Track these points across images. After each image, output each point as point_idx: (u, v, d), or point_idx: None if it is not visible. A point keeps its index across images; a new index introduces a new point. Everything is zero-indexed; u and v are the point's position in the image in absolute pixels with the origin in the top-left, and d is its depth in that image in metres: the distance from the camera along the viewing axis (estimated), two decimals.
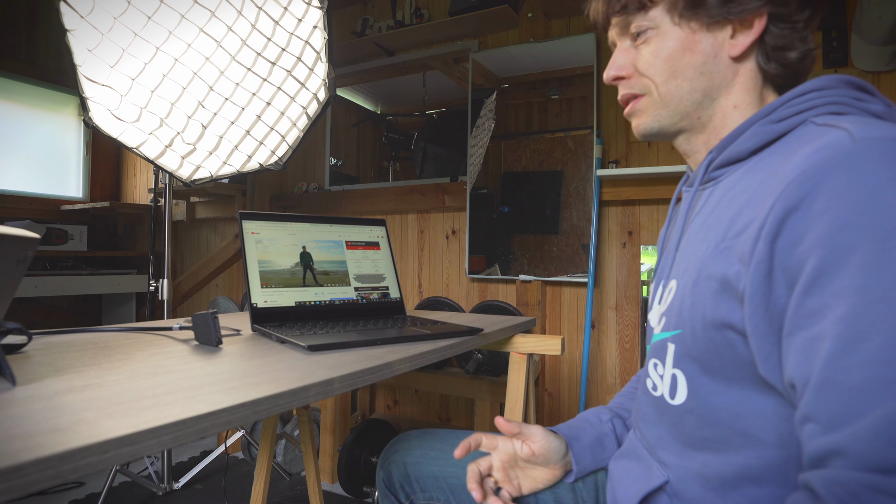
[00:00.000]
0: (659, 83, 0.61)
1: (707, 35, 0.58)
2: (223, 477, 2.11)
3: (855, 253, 0.41)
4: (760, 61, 0.59)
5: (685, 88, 0.60)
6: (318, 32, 1.84)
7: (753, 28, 0.57)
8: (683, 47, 0.59)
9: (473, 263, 2.33)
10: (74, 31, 1.46)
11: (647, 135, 0.65)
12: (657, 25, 0.60)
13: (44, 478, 0.35)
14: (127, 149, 1.59)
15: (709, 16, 0.57)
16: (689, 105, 0.61)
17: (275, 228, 1.06)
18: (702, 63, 0.59)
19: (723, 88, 0.60)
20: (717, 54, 0.59)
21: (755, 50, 0.59)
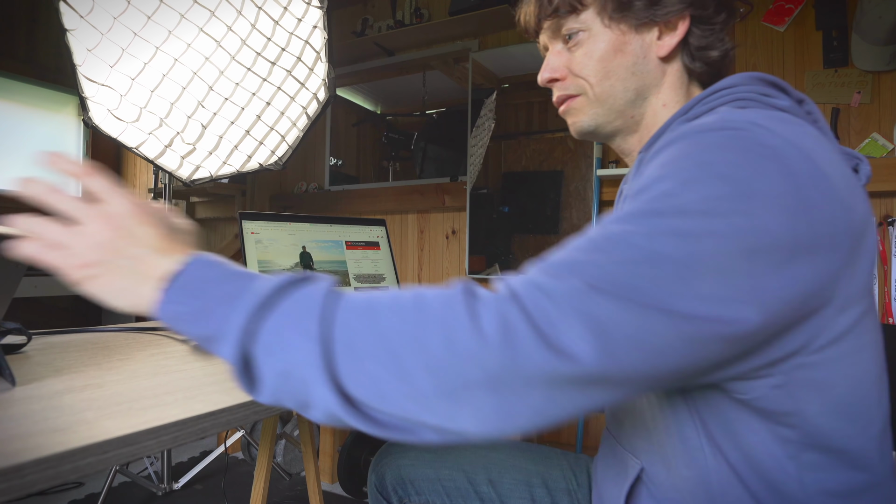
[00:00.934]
0: (594, 83, 0.63)
1: (636, 37, 0.61)
2: (223, 477, 2.11)
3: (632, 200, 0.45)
4: (686, 61, 0.63)
5: (618, 88, 0.62)
6: (317, 32, 1.84)
7: (678, 30, 0.61)
8: (614, 48, 0.62)
9: (473, 263, 2.33)
10: (74, 30, 1.46)
11: (582, 133, 0.67)
12: (588, 28, 0.62)
13: (43, 478, 0.35)
14: (126, 149, 1.59)
15: (636, 18, 0.60)
16: (622, 104, 0.63)
17: (274, 228, 1.06)
18: (632, 63, 0.62)
19: (652, 87, 0.63)
20: (646, 55, 0.62)
21: (680, 50, 0.62)
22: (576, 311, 0.39)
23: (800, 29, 1.86)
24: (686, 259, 0.40)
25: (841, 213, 0.43)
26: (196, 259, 0.46)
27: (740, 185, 0.41)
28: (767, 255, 0.41)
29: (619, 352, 0.39)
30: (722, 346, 0.41)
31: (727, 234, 0.40)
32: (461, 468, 0.82)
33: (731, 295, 0.40)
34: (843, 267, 0.43)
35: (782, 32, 1.88)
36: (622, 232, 0.42)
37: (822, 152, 0.45)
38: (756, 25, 1.92)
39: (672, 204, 0.42)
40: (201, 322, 0.44)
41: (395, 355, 0.40)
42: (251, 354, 0.43)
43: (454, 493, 0.81)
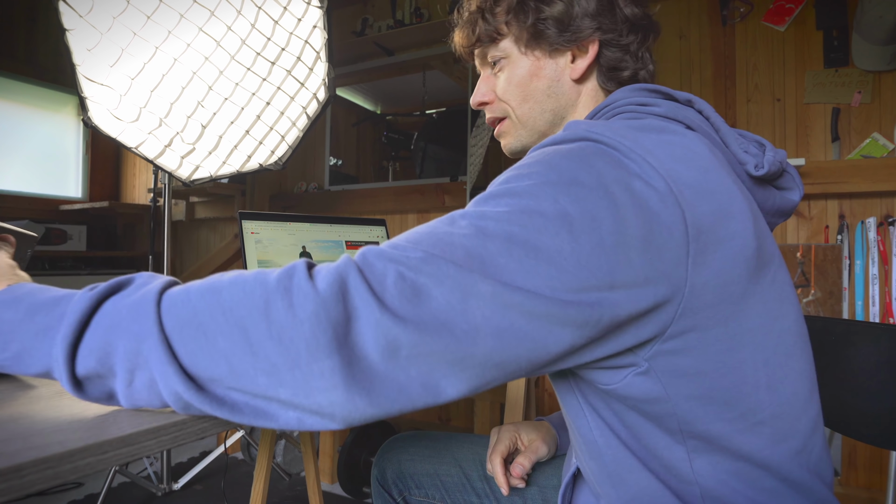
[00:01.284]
0: (514, 107, 0.68)
1: (550, 61, 0.65)
2: (223, 477, 2.10)
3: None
4: (600, 81, 0.66)
5: (536, 110, 0.67)
6: (317, 32, 1.83)
7: (589, 53, 0.64)
8: (531, 73, 0.66)
9: None
10: (73, 30, 1.46)
11: (513, 153, 0.72)
12: (508, 55, 0.67)
13: (43, 478, 0.35)
14: (126, 148, 1.59)
15: (549, 44, 0.64)
16: (542, 124, 0.68)
17: (274, 228, 1.06)
18: (548, 87, 0.66)
19: (569, 108, 0.67)
20: (559, 78, 0.66)
21: (594, 71, 0.66)
22: (402, 277, 0.41)
23: (800, 29, 1.86)
24: (512, 236, 0.42)
25: (672, 207, 0.45)
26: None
27: (566, 174, 0.45)
28: (589, 237, 0.43)
29: (438, 317, 0.40)
30: (543, 318, 0.42)
31: (553, 214, 0.43)
32: (458, 464, 0.86)
33: (552, 273, 0.42)
34: (683, 256, 0.45)
35: (783, 32, 1.88)
36: (461, 212, 0.47)
37: (665, 152, 0.48)
38: (756, 25, 1.92)
39: (505, 188, 0.46)
40: (26, 362, 0.42)
41: (242, 328, 0.40)
42: (87, 371, 0.41)
43: (451, 487, 0.85)
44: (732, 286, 0.47)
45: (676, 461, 0.51)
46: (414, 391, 0.41)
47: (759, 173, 0.56)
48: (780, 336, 0.51)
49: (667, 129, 0.52)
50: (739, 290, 0.47)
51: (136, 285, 0.44)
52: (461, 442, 0.90)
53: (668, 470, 0.52)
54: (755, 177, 0.57)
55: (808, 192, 1.79)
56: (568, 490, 0.66)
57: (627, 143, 0.47)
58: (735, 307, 0.47)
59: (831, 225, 1.80)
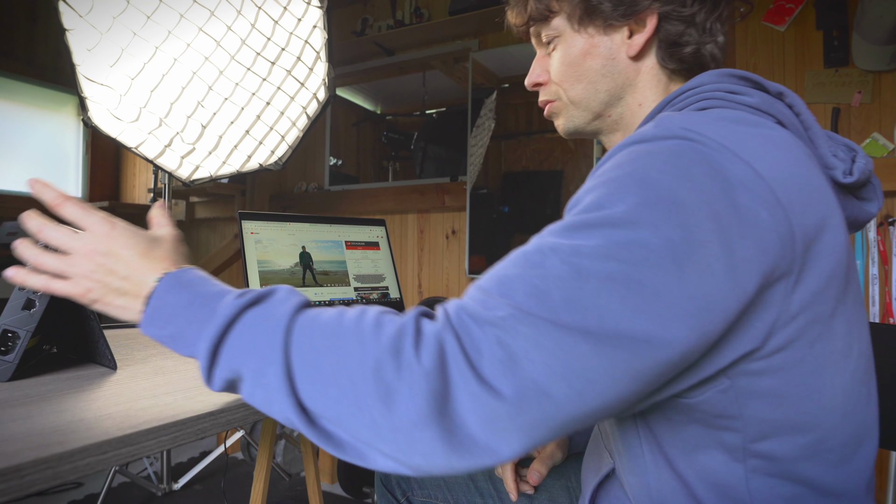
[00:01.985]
0: (567, 88, 0.64)
1: (605, 38, 0.61)
2: (223, 477, 2.10)
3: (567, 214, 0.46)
4: (660, 58, 0.61)
5: (590, 91, 0.63)
6: (317, 32, 1.83)
7: (647, 27, 0.59)
8: (584, 52, 0.62)
9: (474, 263, 2.33)
10: (73, 30, 1.46)
11: (567, 133, 0.69)
12: (561, 33, 0.63)
13: (42, 478, 0.35)
14: (126, 148, 1.59)
15: (603, 20, 0.60)
16: (597, 105, 0.64)
17: (274, 228, 1.06)
18: (602, 66, 0.62)
19: (627, 87, 0.62)
20: (615, 56, 0.61)
21: (653, 47, 0.61)
22: (499, 343, 0.39)
23: (800, 29, 1.86)
24: (613, 273, 0.40)
25: (781, 219, 0.42)
26: (164, 281, 0.50)
27: (665, 193, 0.41)
28: (695, 265, 0.40)
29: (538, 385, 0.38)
30: (653, 367, 0.40)
31: (656, 244, 0.40)
32: None
33: (660, 310, 0.39)
34: (787, 273, 0.42)
35: (783, 32, 1.88)
36: (552, 245, 0.43)
37: (770, 153, 0.44)
38: (756, 25, 1.92)
39: (599, 215, 0.42)
40: (177, 344, 0.48)
41: (353, 382, 0.41)
42: (223, 375, 0.45)
43: (455, 487, 0.84)
44: (824, 305, 0.44)
45: (733, 480, 0.48)
46: (508, 454, 0.40)
47: (848, 181, 0.52)
48: (857, 360, 0.48)
49: (763, 124, 0.48)
50: (829, 310, 0.45)
51: (275, 301, 0.47)
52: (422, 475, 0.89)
53: (719, 493, 0.48)
54: (840, 184, 0.52)
55: None
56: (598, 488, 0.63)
57: (730, 143, 0.43)
58: (823, 328, 0.45)
59: None
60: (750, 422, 0.46)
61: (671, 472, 0.50)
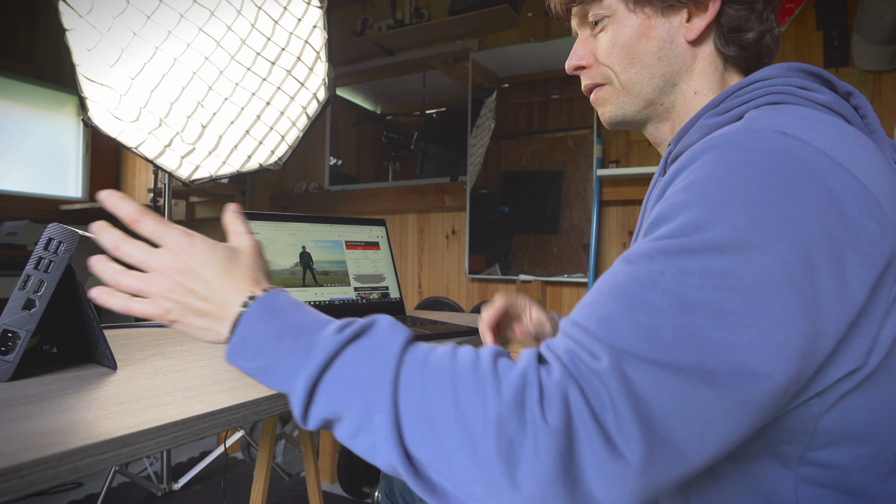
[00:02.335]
0: (619, 71, 0.60)
1: (662, 20, 0.58)
2: (223, 477, 2.10)
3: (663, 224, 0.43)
4: (719, 44, 0.58)
5: (644, 75, 0.59)
6: (317, 32, 1.83)
7: (708, 10, 0.56)
8: (639, 33, 0.58)
9: (473, 263, 2.33)
10: (73, 30, 1.46)
11: (613, 123, 0.64)
12: (613, 13, 0.59)
13: (42, 478, 0.35)
14: (126, 148, 1.59)
15: (662, 0, 0.57)
16: (650, 92, 0.60)
17: (274, 228, 1.06)
18: (658, 49, 0.58)
19: (683, 74, 0.59)
20: (673, 39, 0.58)
21: (712, 33, 0.58)
22: (623, 398, 0.36)
23: (800, 28, 1.86)
24: (725, 304, 0.37)
25: (887, 228, 0.40)
26: (253, 308, 0.46)
27: (772, 211, 0.38)
28: (813, 287, 0.37)
29: (663, 438, 0.36)
30: (773, 400, 0.37)
31: (768, 268, 0.37)
32: None
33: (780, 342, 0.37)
34: (889, 289, 0.41)
35: (783, 32, 1.88)
36: (651, 274, 0.40)
37: (863, 158, 0.42)
38: None
39: (701, 238, 0.39)
40: (269, 379, 0.45)
41: (471, 436, 0.38)
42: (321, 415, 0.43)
43: None
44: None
45: (780, 488, 0.46)
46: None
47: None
48: None
49: (841, 126, 0.45)
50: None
51: (380, 336, 0.44)
52: None
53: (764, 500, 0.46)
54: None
55: None
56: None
57: (829, 150, 0.41)
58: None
59: None
60: (818, 434, 0.44)
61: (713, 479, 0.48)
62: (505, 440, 0.37)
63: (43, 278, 0.57)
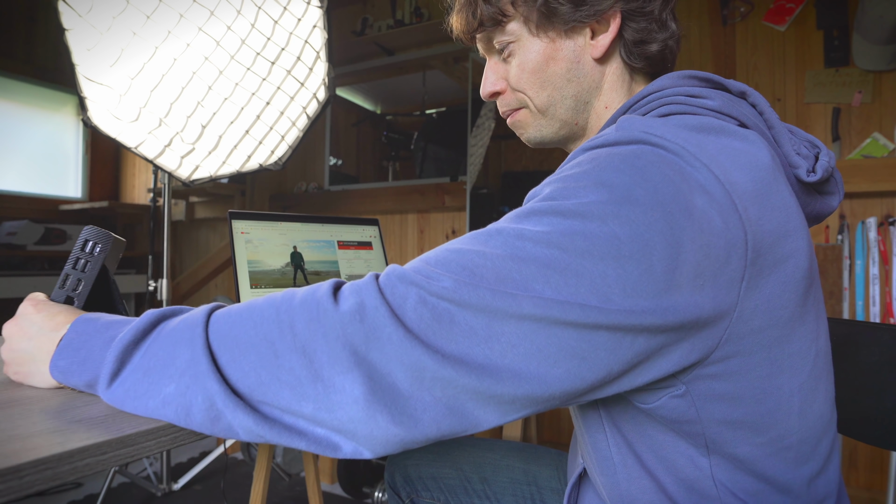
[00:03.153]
0: (532, 96, 0.61)
1: (567, 41, 0.58)
2: (222, 478, 2.10)
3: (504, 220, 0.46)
4: (625, 58, 0.59)
5: (557, 97, 0.60)
6: (317, 32, 1.83)
7: (611, 27, 0.57)
8: (546, 57, 0.58)
9: None
10: (73, 30, 1.46)
11: (534, 144, 0.66)
12: (517, 38, 0.59)
13: (42, 479, 0.35)
14: (126, 148, 1.59)
15: (563, 22, 0.57)
16: (564, 112, 0.61)
17: (265, 228, 1.05)
18: (567, 70, 0.59)
19: (593, 91, 0.60)
20: (579, 59, 0.58)
21: (618, 47, 0.59)
22: (422, 301, 0.40)
23: (801, 28, 1.86)
24: (550, 260, 0.40)
25: (734, 226, 0.41)
26: (77, 319, 0.48)
27: (618, 191, 0.41)
28: (637, 263, 0.39)
29: (458, 348, 0.39)
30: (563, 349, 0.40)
31: (600, 237, 0.40)
32: (458, 467, 0.86)
33: (593, 301, 0.39)
34: (738, 280, 0.42)
35: (783, 32, 1.88)
36: (500, 227, 0.43)
37: (730, 160, 0.44)
38: (757, 25, 1.92)
39: (550, 206, 0.42)
40: (87, 366, 0.45)
41: (270, 341, 0.41)
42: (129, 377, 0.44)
43: (452, 489, 0.86)
44: (782, 310, 0.44)
45: (699, 475, 0.48)
46: (440, 413, 0.40)
47: (812, 180, 0.51)
48: (815, 359, 0.48)
49: (725, 129, 0.47)
50: (788, 315, 0.44)
51: (190, 312, 0.46)
52: (462, 444, 0.91)
53: (688, 488, 0.49)
54: (804, 182, 0.52)
55: None
56: (574, 490, 0.63)
57: (690, 147, 0.43)
58: (781, 332, 0.45)
59: (832, 225, 1.80)
60: (709, 423, 0.46)
61: (641, 470, 0.51)
62: (299, 336, 0.40)
63: (80, 277, 0.61)
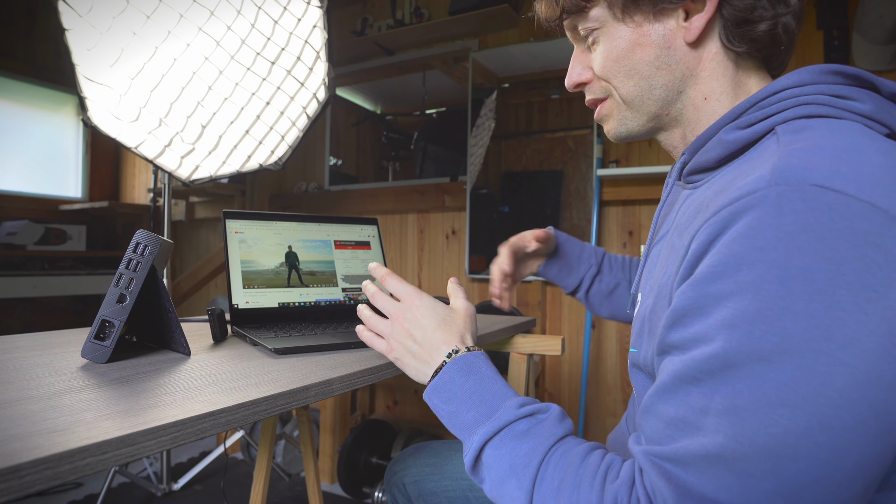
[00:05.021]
0: (617, 85, 0.57)
1: (656, 25, 0.53)
2: (222, 478, 2.10)
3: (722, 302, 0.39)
4: (725, 41, 0.52)
5: (644, 87, 0.55)
6: (317, 31, 1.83)
7: (707, 6, 0.51)
8: (633, 43, 0.54)
9: (474, 263, 2.33)
10: (73, 30, 1.46)
11: (618, 139, 0.61)
12: (602, 24, 0.55)
13: (42, 479, 0.35)
14: (126, 148, 1.59)
15: (652, 4, 0.52)
16: (653, 104, 0.56)
17: (259, 228, 1.05)
18: (656, 57, 0.54)
19: (688, 79, 0.54)
20: (670, 44, 0.53)
21: (716, 29, 0.52)
22: None
23: (800, 28, 1.86)
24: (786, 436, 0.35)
25: None
26: (455, 361, 0.56)
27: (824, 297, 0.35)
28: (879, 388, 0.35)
29: None
30: None
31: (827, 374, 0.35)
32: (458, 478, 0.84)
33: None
34: None
35: None
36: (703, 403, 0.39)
37: None
38: None
39: (750, 347, 0.37)
40: (452, 423, 0.54)
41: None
42: (481, 462, 0.51)
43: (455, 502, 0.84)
44: None
45: None
46: None
47: None
48: None
49: (884, 143, 0.41)
50: None
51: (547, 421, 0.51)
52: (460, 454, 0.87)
53: None
54: None
55: None
56: None
57: (880, 200, 0.36)
58: None
59: None
60: None
61: None
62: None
63: (132, 276, 0.66)
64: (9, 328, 2.80)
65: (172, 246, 0.74)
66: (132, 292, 0.66)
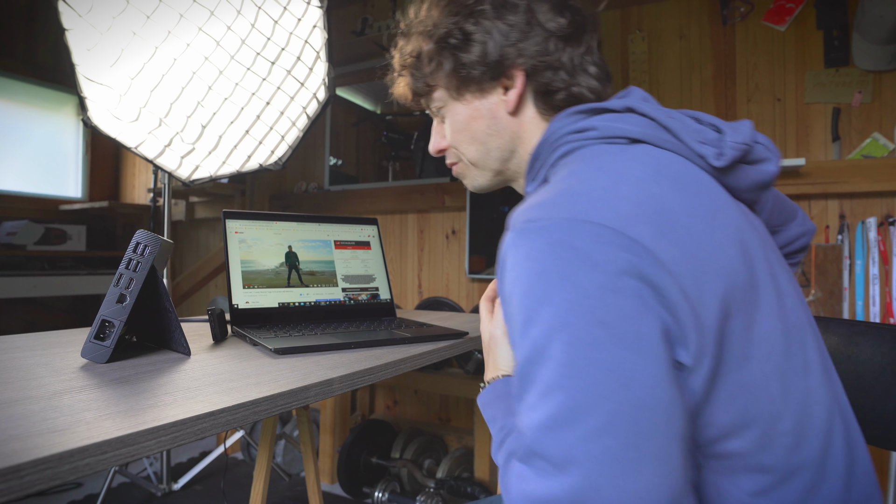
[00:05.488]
0: (464, 151, 0.68)
1: (483, 101, 0.65)
2: (222, 478, 2.10)
3: None
4: (539, 108, 0.64)
5: (483, 151, 0.67)
6: (317, 32, 1.83)
7: (516, 83, 0.62)
8: (468, 117, 0.66)
9: (473, 263, 2.33)
10: (73, 30, 1.46)
11: (475, 191, 0.73)
12: (445, 103, 0.68)
13: (42, 479, 0.35)
14: (126, 148, 1.59)
15: (476, 85, 0.64)
16: (493, 163, 0.68)
17: (260, 228, 1.05)
18: (487, 126, 0.65)
19: (516, 141, 0.65)
20: (496, 115, 0.65)
21: (530, 98, 0.64)
22: None
23: (801, 28, 1.86)
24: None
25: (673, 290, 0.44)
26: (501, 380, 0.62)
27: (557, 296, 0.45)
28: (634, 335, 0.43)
29: None
30: None
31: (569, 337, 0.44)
32: None
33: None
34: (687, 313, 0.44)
35: (783, 32, 1.88)
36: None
37: (634, 211, 0.46)
38: (757, 25, 1.92)
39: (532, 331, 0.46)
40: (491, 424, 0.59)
41: None
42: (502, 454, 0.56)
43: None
44: (737, 318, 0.47)
45: (699, 485, 0.49)
46: None
47: (722, 163, 0.53)
48: (784, 337, 0.50)
49: (617, 155, 0.52)
50: (742, 324, 0.47)
51: None
52: None
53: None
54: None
55: (808, 192, 1.79)
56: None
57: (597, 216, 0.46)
58: (740, 338, 0.47)
59: (832, 225, 1.80)
60: (706, 429, 0.47)
61: None
62: None
63: (132, 276, 0.66)
64: (9, 328, 2.80)
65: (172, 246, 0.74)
66: (132, 292, 0.66)
